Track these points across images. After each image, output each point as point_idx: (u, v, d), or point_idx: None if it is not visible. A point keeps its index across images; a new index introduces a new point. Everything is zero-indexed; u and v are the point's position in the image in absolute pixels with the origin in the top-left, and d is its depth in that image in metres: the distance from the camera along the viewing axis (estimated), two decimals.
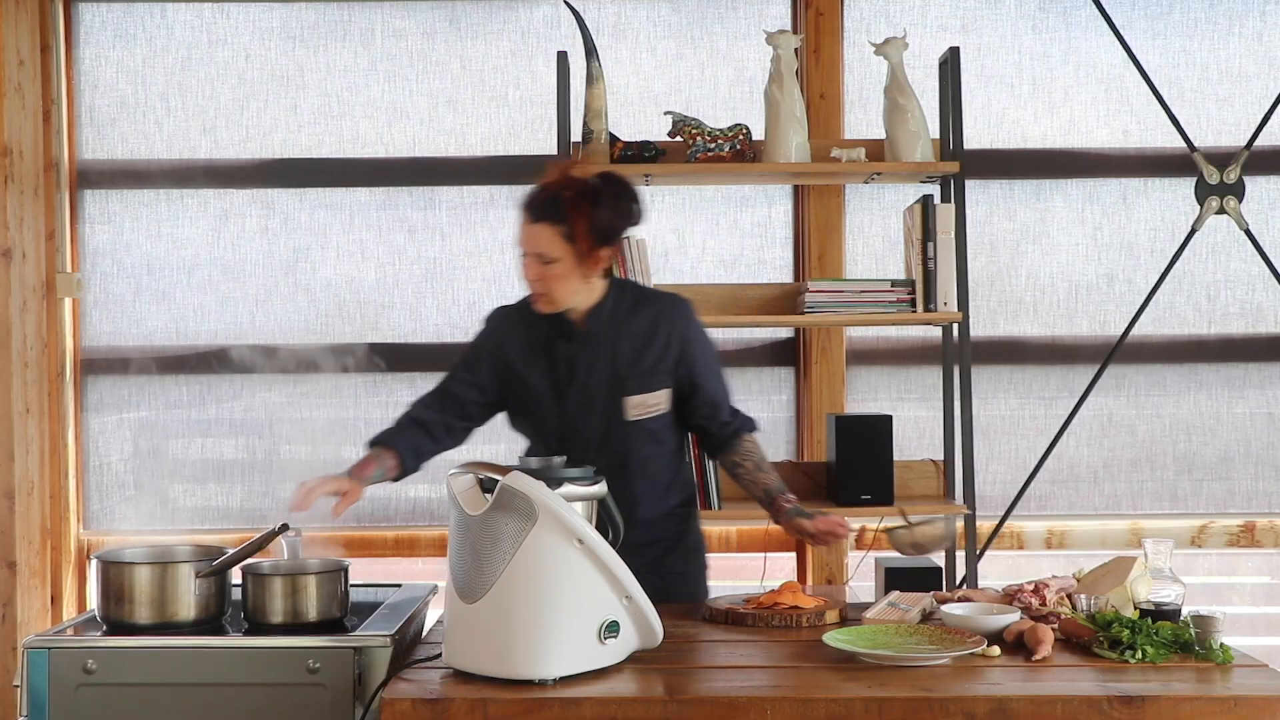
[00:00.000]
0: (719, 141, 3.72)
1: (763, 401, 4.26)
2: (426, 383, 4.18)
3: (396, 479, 2.78)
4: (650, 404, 2.75)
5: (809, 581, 4.17)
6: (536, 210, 2.63)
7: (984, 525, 4.07)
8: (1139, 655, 2.22)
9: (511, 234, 2.99)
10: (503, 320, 2.84)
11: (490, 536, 2.13)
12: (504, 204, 4.23)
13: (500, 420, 2.90)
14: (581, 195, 2.62)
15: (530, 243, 2.65)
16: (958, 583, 3.81)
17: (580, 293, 2.71)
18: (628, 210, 2.69)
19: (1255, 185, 4.19)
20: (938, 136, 3.87)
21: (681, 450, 2.91)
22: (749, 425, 2.86)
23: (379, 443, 2.77)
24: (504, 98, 4.26)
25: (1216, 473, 4.27)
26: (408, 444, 2.77)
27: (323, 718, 2.30)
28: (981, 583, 3.79)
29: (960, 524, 3.80)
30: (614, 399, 2.73)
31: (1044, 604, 2.47)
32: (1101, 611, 2.36)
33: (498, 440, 3.04)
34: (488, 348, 2.81)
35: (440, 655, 2.24)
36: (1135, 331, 4.18)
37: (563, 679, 2.13)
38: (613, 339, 2.74)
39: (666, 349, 2.75)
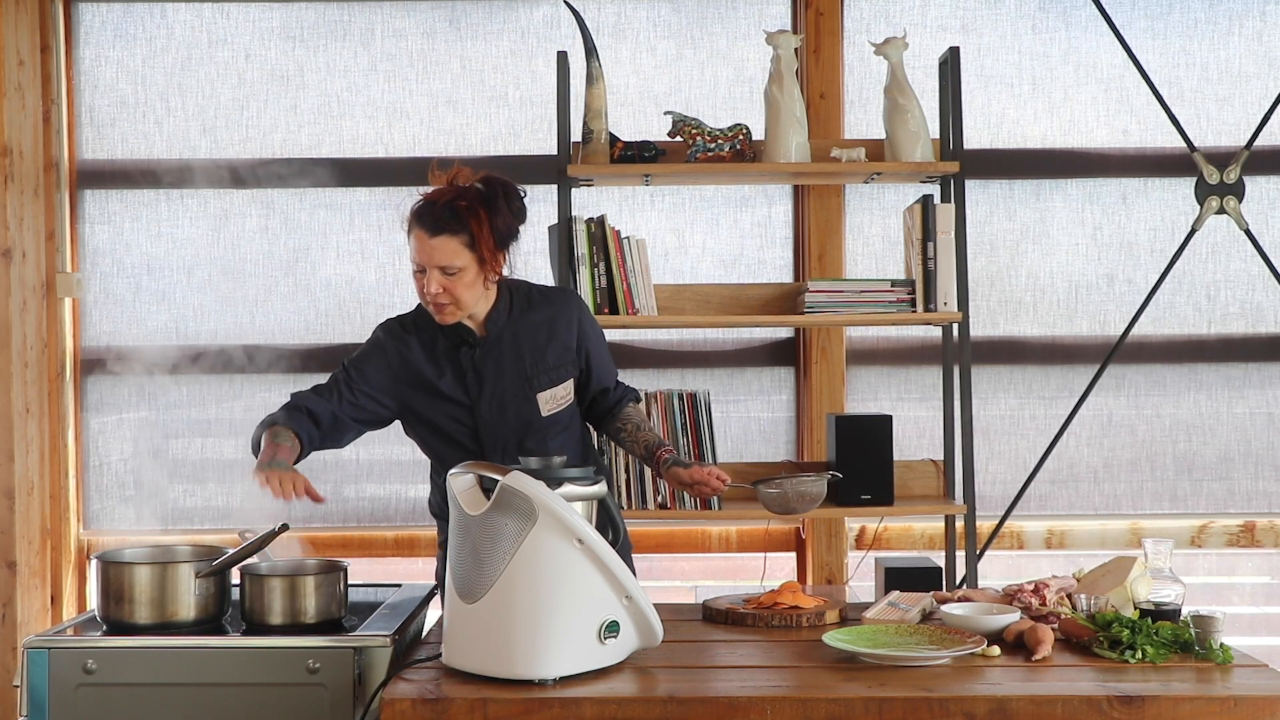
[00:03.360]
0: (719, 141, 3.72)
1: (763, 401, 4.26)
2: None
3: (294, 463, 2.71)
4: (560, 396, 2.82)
5: (809, 581, 4.17)
6: (436, 223, 2.65)
7: (984, 525, 4.07)
8: (1139, 655, 2.22)
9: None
10: (401, 333, 2.83)
11: (490, 536, 2.14)
12: None
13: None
14: (477, 202, 2.66)
15: (432, 256, 2.66)
16: (958, 583, 3.81)
17: (481, 299, 2.75)
18: (520, 209, 2.74)
19: (1255, 185, 4.19)
20: (938, 136, 3.87)
21: (585, 430, 2.98)
22: (632, 395, 2.95)
23: (275, 423, 2.68)
24: (504, 98, 4.26)
25: (1216, 473, 4.27)
26: (304, 428, 2.70)
27: (323, 718, 2.30)
28: (981, 583, 3.79)
29: (960, 523, 3.80)
30: (527, 399, 2.79)
31: (1044, 604, 2.47)
32: (1101, 611, 2.36)
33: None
34: (388, 361, 2.80)
35: (440, 655, 2.24)
36: (1135, 331, 4.18)
37: (563, 679, 2.13)
38: (514, 341, 2.79)
39: (567, 340, 2.82)
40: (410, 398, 2.81)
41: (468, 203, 2.65)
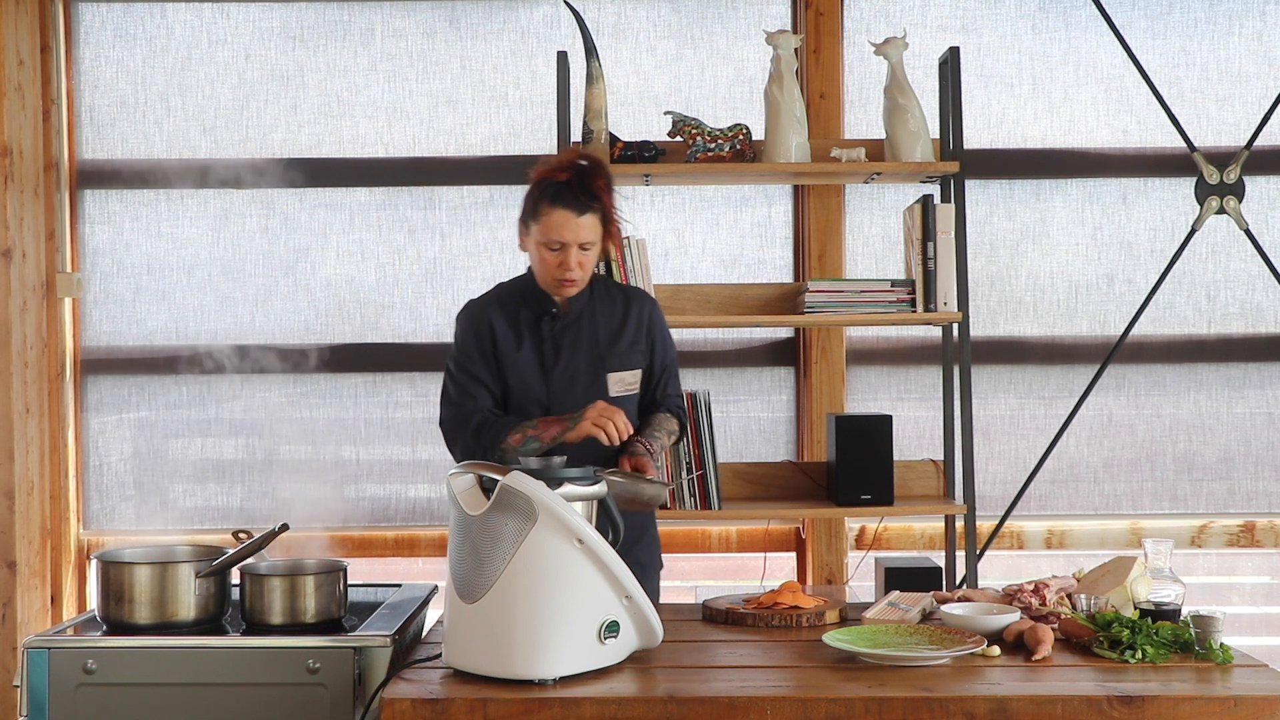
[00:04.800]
0: (719, 141, 3.72)
1: (763, 401, 4.26)
2: (426, 383, 4.22)
3: None
4: (629, 381, 2.90)
5: (809, 581, 4.17)
6: (583, 202, 2.76)
7: (984, 525, 4.07)
8: (1139, 655, 2.22)
9: (512, 234, 3.01)
10: (483, 312, 2.92)
11: (490, 536, 2.14)
12: (504, 204, 4.23)
13: None
14: (607, 181, 2.80)
15: (578, 234, 2.77)
16: (958, 583, 3.81)
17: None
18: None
19: (1255, 185, 4.19)
20: (938, 136, 3.87)
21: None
22: (674, 404, 2.99)
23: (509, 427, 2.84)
24: (504, 98, 4.26)
25: (1216, 473, 4.27)
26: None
27: (323, 718, 2.30)
28: (981, 583, 3.79)
29: (960, 523, 3.80)
30: (597, 376, 2.87)
31: (1044, 604, 2.47)
32: (1101, 611, 2.36)
33: None
34: (479, 340, 2.89)
35: (440, 655, 2.25)
36: (1135, 331, 4.18)
37: (563, 679, 2.13)
38: (591, 321, 2.89)
39: (639, 331, 2.92)
40: (501, 374, 2.88)
41: (603, 180, 2.77)
